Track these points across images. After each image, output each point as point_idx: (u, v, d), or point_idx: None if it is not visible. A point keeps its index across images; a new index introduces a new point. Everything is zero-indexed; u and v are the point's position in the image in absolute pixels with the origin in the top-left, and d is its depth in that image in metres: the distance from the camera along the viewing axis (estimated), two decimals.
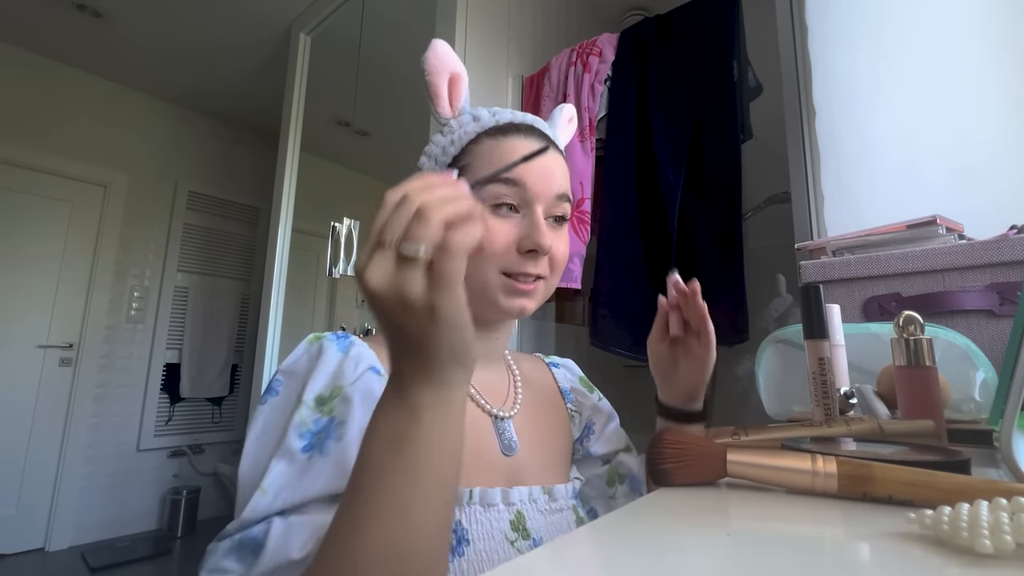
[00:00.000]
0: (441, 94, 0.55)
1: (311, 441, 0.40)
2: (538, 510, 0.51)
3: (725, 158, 1.33)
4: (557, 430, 0.61)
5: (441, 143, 0.55)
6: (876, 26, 1.01)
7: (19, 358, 2.64)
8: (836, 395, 0.48)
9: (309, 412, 0.42)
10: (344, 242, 1.87)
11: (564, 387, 0.67)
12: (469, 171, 0.52)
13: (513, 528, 0.48)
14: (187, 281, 3.27)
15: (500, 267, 0.50)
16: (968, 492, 0.27)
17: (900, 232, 0.77)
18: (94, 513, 2.80)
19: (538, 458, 0.56)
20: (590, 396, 0.67)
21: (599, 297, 1.43)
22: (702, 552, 0.24)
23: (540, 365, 0.68)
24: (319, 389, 0.43)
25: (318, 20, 2.33)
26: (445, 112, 0.55)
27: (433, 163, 0.56)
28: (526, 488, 0.51)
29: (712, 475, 0.35)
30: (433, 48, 0.54)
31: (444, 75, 0.54)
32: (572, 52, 1.57)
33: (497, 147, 0.52)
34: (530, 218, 0.50)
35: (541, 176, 0.51)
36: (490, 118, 0.54)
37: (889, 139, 0.96)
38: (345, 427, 0.41)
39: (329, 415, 0.42)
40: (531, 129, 0.54)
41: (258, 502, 0.37)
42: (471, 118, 0.55)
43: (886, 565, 0.22)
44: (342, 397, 0.42)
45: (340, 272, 1.85)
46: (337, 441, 0.40)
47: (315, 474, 0.39)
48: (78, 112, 2.89)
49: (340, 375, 0.44)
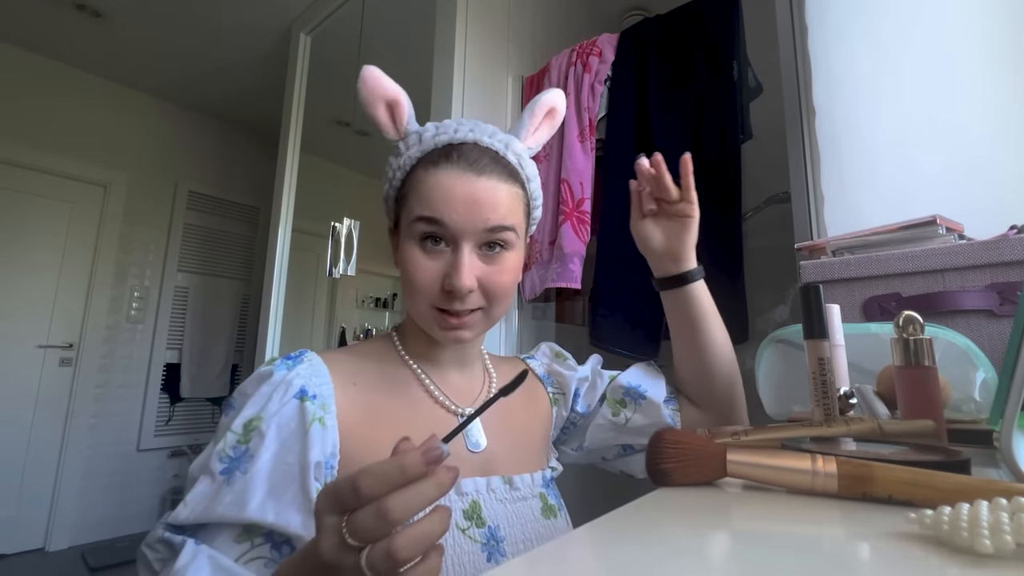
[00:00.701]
0: (383, 121, 0.54)
1: (228, 466, 0.43)
2: (497, 499, 0.52)
3: (725, 158, 1.33)
4: (533, 421, 0.63)
5: (393, 166, 0.55)
6: (876, 26, 1.01)
7: (19, 358, 2.64)
8: (836, 395, 0.48)
9: (232, 438, 0.44)
10: (344, 242, 1.87)
11: (541, 373, 0.68)
12: (406, 203, 0.53)
13: (466, 517, 0.50)
14: (187, 281, 3.27)
15: (429, 301, 0.51)
16: (968, 492, 0.27)
17: (900, 232, 0.77)
18: (94, 513, 2.80)
19: (508, 451, 0.57)
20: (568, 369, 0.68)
21: (599, 297, 1.43)
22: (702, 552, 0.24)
23: (518, 364, 0.70)
24: (249, 414, 0.45)
25: (318, 20, 2.33)
26: (392, 136, 0.55)
27: (388, 186, 0.56)
28: (483, 479, 0.53)
29: (712, 475, 0.35)
30: (362, 79, 0.54)
31: (379, 103, 0.54)
32: (572, 52, 1.57)
33: (425, 181, 0.51)
34: (455, 255, 0.50)
35: (466, 211, 0.49)
36: (431, 139, 0.52)
37: (889, 139, 0.96)
38: (252, 460, 0.43)
39: (245, 444, 0.44)
40: (472, 149, 0.52)
41: (180, 512, 0.41)
42: (417, 138, 0.53)
43: (886, 565, 0.22)
44: (258, 431, 0.44)
45: (340, 272, 1.85)
46: (243, 474, 0.42)
47: (219, 500, 0.41)
48: (78, 112, 2.89)
49: (268, 403, 0.46)
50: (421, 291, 0.51)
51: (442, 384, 0.56)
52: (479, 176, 0.51)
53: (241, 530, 0.42)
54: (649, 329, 1.35)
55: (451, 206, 0.49)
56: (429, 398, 0.55)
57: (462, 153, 0.51)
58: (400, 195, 0.54)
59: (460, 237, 0.50)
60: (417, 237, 0.51)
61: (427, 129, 0.54)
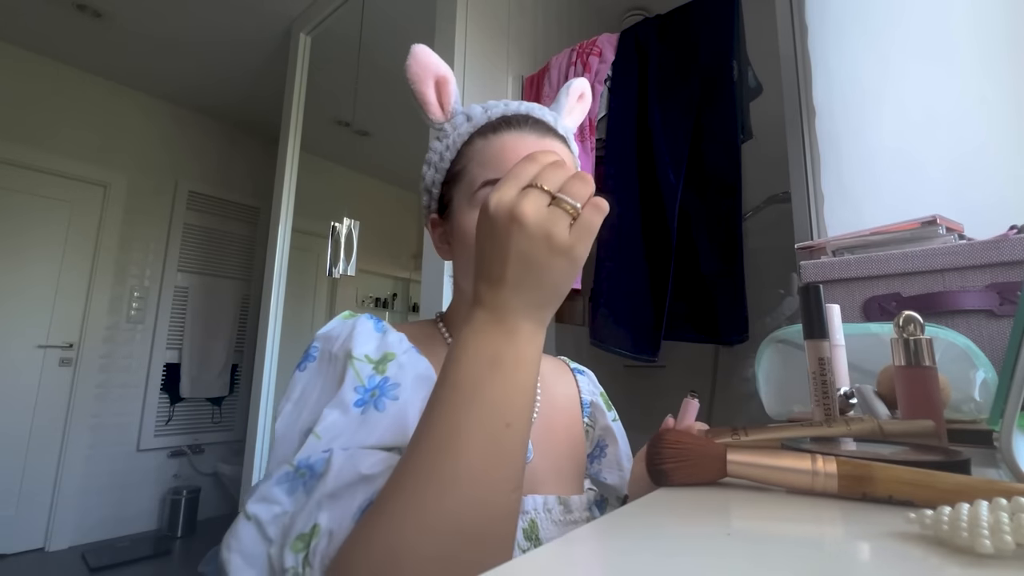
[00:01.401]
0: (430, 100, 0.53)
1: (364, 397, 0.40)
2: (552, 520, 0.50)
3: (725, 158, 1.33)
4: (573, 440, 0.60)
5: (438, 149, 0.53)
6: (876, 26, 1.01)
7: (19, 358, 2.64)
8: (836, 395, 0.48)
9: (363, 366, 0.41)
10: (344, 242, 1.87)
11: (585, 399, 0.65)
12: (464, 176, 0.51)
13: (526, 537, 0.48)
14: (187, 281, 3.27)
15: None
16: (968, 492, 0.27)
17: (900, 232, 0.77)
18: (94, 513, 2.80)
19: (553, 467, 0.55)
20: (606, 414, 0.65)
21: (599, 297, 1.43)
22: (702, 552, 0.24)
23: (564, 370, 0.66)
24: (368, 350, 0.43)
25: (318, 20, 2.33)
26: (437, 117, 0.53)
27: (434, 171, 0.54)
28: (541, 497, 0.50)
29: (712, 475, 0.35)
30: (413, 55, 0.52)
31: (429, 81, 0.52)
32: (572, 52, 1.57)
33: (487, 146, 0.50)
34: None
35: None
36: (482, 115, 0.52)
37: (889, 139, 0.96)
38: (400, 389, 0.40)
39: (383, 375, 0.41)
40: (525, 119, 0.51)
41: (313, 446, 0.37)
42: (464, 118, 0.52)
43: (886, 565, 0.22)
44: (396, 362, 0.42)
45: (340, 272, 1.85)
46: (393, 400, 0.39)
47: (371, 426, 0.38)
48: (78, 112, 2.89)
49: (386, 344, 0.44)
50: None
51: None
52: (542, 138, 0.50)
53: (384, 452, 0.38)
54: (649, 329, 1.35)
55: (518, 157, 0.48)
56: None
57: (520, 121, 0.51)
58: (451, 175, 0.52)
59: None
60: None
61: (473, 108, 0.52)
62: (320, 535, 0.34)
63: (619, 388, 0.56)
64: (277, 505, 0.36)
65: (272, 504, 0.36)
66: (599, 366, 0.79)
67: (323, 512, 0.35)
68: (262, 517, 0.36)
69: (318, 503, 0.35)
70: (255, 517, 0.36)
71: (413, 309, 3.82)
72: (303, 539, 0.34)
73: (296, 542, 0.34)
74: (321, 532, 0.34)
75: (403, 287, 3.87)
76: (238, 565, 0.35)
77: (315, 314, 3.26)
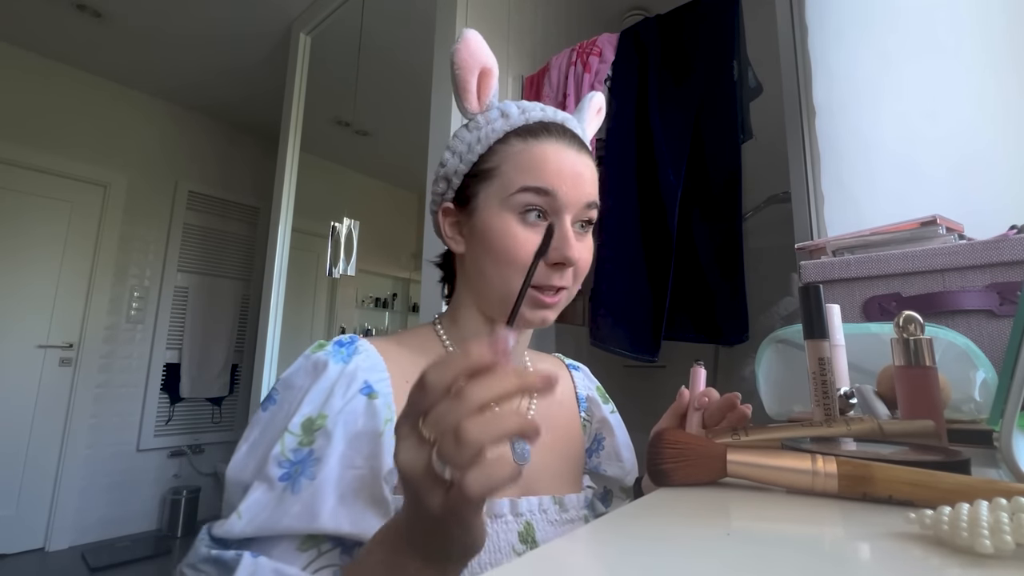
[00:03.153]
0: (470, 89, 0.51)
1: (289, 471, 0.40)
2: (548, 520, 0.50)
3: (725, 158, 1.33)
4: (570, 437, 0.60)
5: (467, 139, 0.52)
6: (876, 26, 1.01)
7: (19, 358, 2.64)
8: (836, 395, 0.48)
9: (291, 440, 0.41)
10: (344, 242, 1.87)
11: (581, 394, 0.65)
12: (497, 175, 0.50)
13: (522, 540, 0.47)
14: (187, 281, 3.27)
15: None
16: (968, 492, 0.27)
17: (900, 232, 0.77)
18: (94, 513, 2.80)
19: (550, 466, 0.54)
20: (603, 407, 0.64)
21: (599, 297, 1.43)
22: (702, 552, 0.24)
23: (559, 367, 0.66)
24: (308, 412, 0.42)
25: (318, 20, 2.33)
26: (473, 107, 0.52)
27: (458, 160, 0.53)
28: (536, 498, 0.50)
29: (712, 475, 0.35)
30: (465, 41, 0.50)
31: (475, 70, 0.51)
32: (572, 52, 1.57)
33: (528, 151, 0.49)
34: (559, 229, 0.48)
35: (573, 184, 0.49)
36: (519, 115, 0.51)
37: (889, 139, 0.96)
38: (320, 464, 0.40)
39: (309, 447, 0.41)
40: (563, 130, 0.51)
41: (233, 525, 0.38)
42: (499, 114, 0.51)
43: (886, 565, 0.22)
44: (323, 430, 0.41)
45: (340, 272, 1.85)
46: (310, 480, 0.39)
47: (284, 510, 0.38)
48: (78, 112, 2.89)
49: (330, 399, 0.43)
50: (522, 267, 0.47)
51: None
52: (579, 152, 0.51)
53: (304, 538, 0.39)
54: (648, 329, 1.35)
55: (561, 177, 0.48)
56: None
57: (559, 131, 0.51)
58: (480, 169, 0.51)
59: (564, 209, 0.48)
60: (518, 209, 0.48)
61: (509, 106, 0.52)
62: None
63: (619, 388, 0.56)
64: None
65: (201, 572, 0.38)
66: (599, 366, 0.79)
67: None
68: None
69: None
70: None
71: (413, 309, 3.82)
72: None
73: None
74: None
75: (403, 287, 3.87)
76: None
77: (315, 314, 3.27)
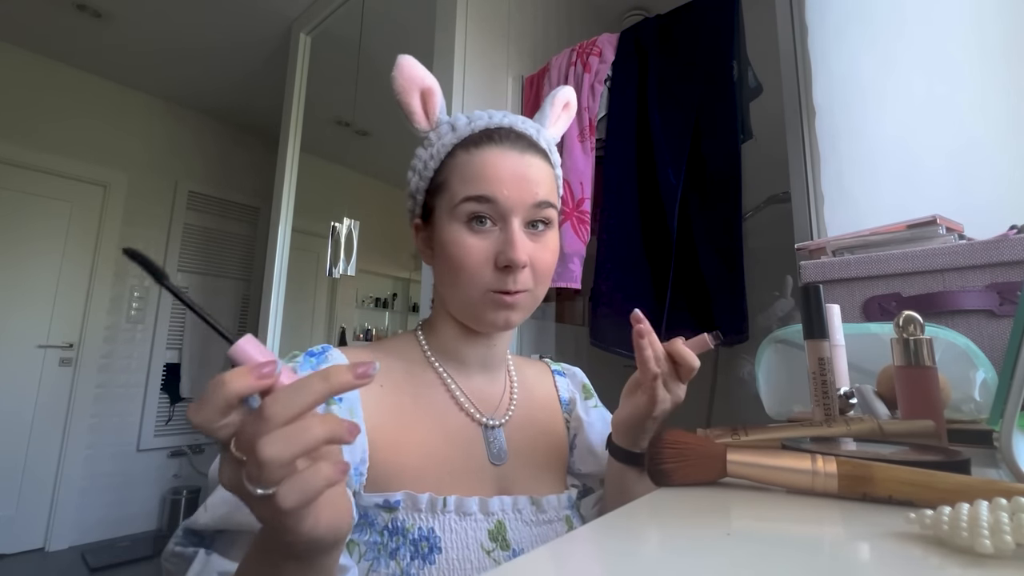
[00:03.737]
0: (415, 110, 0.54)
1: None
2: (523, 521, 0.50)
3: (725, 158, 1.33)
4: (552, 438, 0.60)
5: (423, 157, 0.54)
6: (876, 26, 1.01)
7: (19, 358, 2.64)
8: (836, 395, 0.48)
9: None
10: (344, 242, 1.87)
11: (563, 396, 0.65)
12: (447, 188, 0.51)
13: (491, 538, 0.48)
14: (187, 281, 3.27)
15: (481, 285, 0.50)
16: (968, 492, 0.27)
17: (900, 232, 0.77)
18: (94, 513, 2.80)
19: (529, 467, 0.55)
20: (579, 405, 0.64)
21: (599, 297, 1.43)
22: (702, 552, 0.24)
23: (544, 372, 0.67)
24: None
25: (318, 20, 2.33)
26: (422, 127, 0.54)
27: (418, 178, 0.55)
28: (509, 498, 0.50)
29: (712, 475, 0.35)
30: (398, 67, 0.53)
31: (414, 92, 0.53)
32: (572, 52, 1.57)
33: (470, 161, 0.51)
34: (505, 232, 0.49)
35: (515, 187, 0.49)
36: (466, 126, 0.52)
37: (889, 139, 0.96)
38: None
39: None
40: (508, 133, 0.52)
41: (198, 517, 0.39)
42: (449, 127, 0.53)
43: (886, 565, 0.22)
44: None
45: (340, 272, 1.85)
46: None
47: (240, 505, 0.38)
48: (78, 112, 2.89)
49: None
50: (474, 273, 0.49)
51: (466, 387, 0.55)
52: (523, 154, 0.51)
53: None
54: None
55: (501, 182, 0.49)
56: (454, 404, 0.54)
57: (502, 136, 0.52)
58: (435, 185, 0.53)
59: (510, 213, 0.49)
60: (464, 218, 0.50)
61: (459, 118, 0.53)
62: None
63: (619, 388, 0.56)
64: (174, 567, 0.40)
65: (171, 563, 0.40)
66: (599, 366, 0.79)
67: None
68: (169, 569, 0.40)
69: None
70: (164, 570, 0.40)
71: (413, 309, 3.82)
72: None
73: None
74: None
75: (403, 287, 3.87)
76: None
77: (315, 314, 3.27)
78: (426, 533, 0.45)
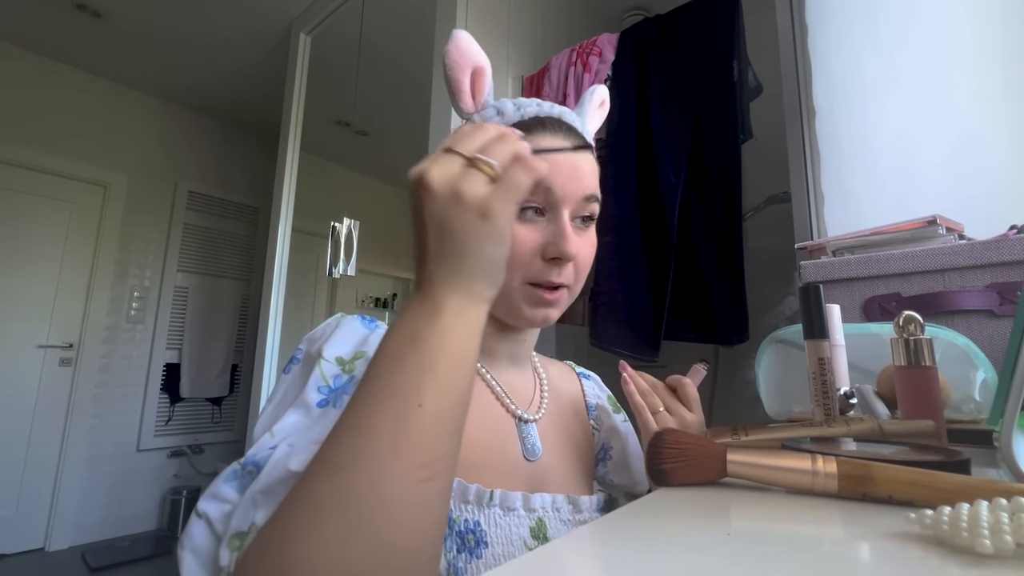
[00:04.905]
0: (464, 89, 0.51)
1: (328, 397, 0.39)
2: (561, 520, 0.50)
3: (725, 158, 1.33)
4: (581, 440, 0.60)
5: None
6: (876, 26, 1.01)
7: (19, 358, 2.64)
8: (836, 395, 0.48)
9: (329, 367, 0.41)
10: (344, 242, 1.87)
11: (591, 401, 0.65)
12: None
13: (533, 535, 0.47)
14: (187, 281, 3.27)
15: (524, 276, 0.48)
16: (968, 492, 0.27)
17: (900, 232, 0.77)
18: (94, 513, 2.80)
19: (561, 466, 0.54)
20: (613, 416, 0.64)
21: (599, 297, 1.43)
22: (702, 552, 0.24)
23: (569, 373, 0.67)
24: (341, 351, 0.43)
25: (318, 20, 2.33)
26: (468, 107, 0.52)
27: None
28: (549, 496, 0.50)
29: (712, 475, 0.35)
30: (455, 41, 0.50)
31: (467, 69, 0.50)
32: (572, 52, 1.57)
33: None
34: (556, 223, 0.48)
35: (569, 177, 0.48)
36: (514, 112, 0.51)
37: (889, 139, 0.96)
38: None
39: (350, 374, 0.41)
40: (559, 123, 0.51)
41: (265, 443, 0.37)
42: (495, 111, 0.51)
43: (886, 565, 0.22)
44: (365, 358, 0.41)
45: (340, 272, 1.85)
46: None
47: (326, 424, 0.37)
48: (78, 112, 2.89)
49: (364, 344, 0.44)
50: (519, 264, 0.47)
51: (500, 381, 0.55)
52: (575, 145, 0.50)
53: None
54: (649, 329, 1.35)
55: (556, 171, 0.48)
56: (492, 395, 0.53)
57: (554, 125, 0.50)
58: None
59: (561, 204, 0.48)
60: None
61: (505, 103, 0.52)
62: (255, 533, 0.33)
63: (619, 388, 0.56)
64: (227, 503, 0.36)
65: (222, 502, 0.36)
66: (599, 366, 0.79)
67: (259, 510, 0.34)
68: (212, 515, 0.35)
69: (253, 500, 0.34)
70: (205, 515, 0.36)
71: None
72: (240, 537, 0.33)
73: (233, 539, 0.33)
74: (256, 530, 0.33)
75: (403, 287, 3.87)
76: (190, 564, 0.34)
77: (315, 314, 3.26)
78: (472, 526, 0.44)
